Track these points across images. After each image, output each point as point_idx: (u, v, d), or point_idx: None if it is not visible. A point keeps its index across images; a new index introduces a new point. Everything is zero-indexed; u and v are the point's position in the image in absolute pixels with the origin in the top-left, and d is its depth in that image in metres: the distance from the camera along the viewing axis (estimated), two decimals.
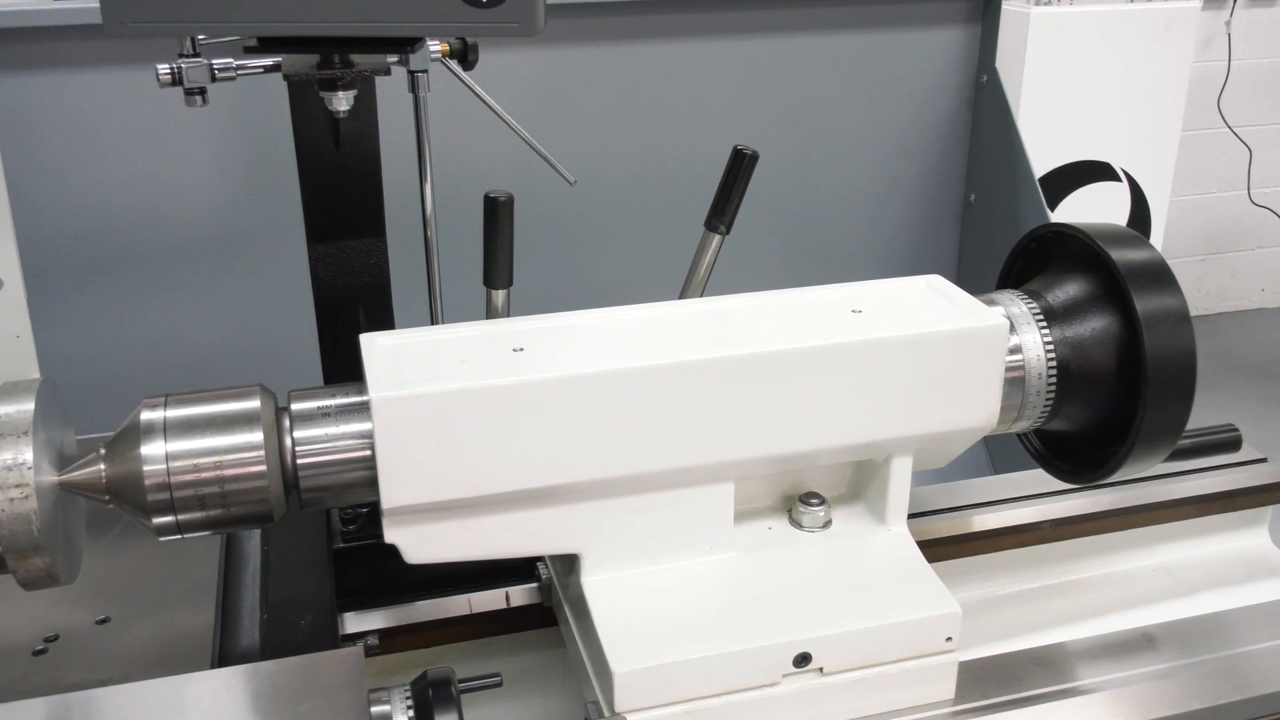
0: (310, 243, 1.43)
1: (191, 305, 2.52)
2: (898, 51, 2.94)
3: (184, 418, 1.08)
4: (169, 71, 1.28)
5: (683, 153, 2.78)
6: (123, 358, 2.46)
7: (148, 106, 2.39)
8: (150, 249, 2.46)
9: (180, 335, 2.51)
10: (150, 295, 2.50)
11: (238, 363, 2.54)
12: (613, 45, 2.68)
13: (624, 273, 2.82)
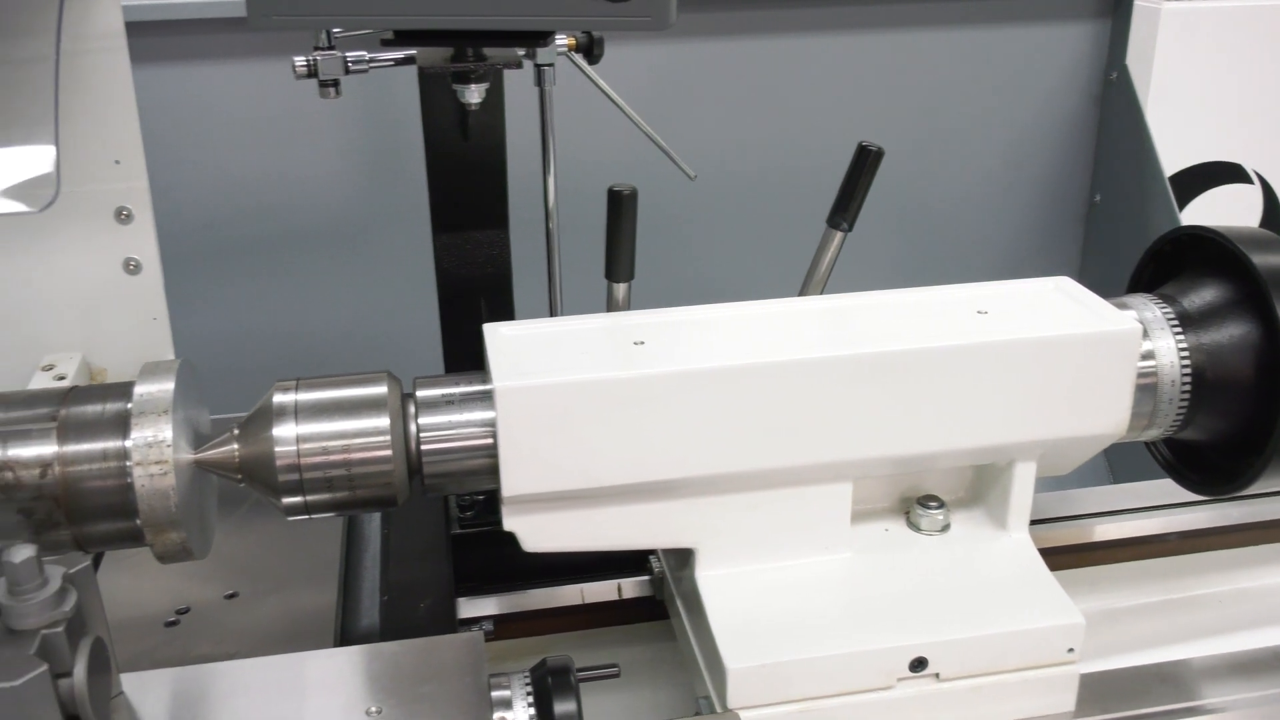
0: (435, 233, 1.45)
1: (316, 292, 2.58)
2: (1023, 47, 2.88)
3: (314, 401, 1.11)
4: (305, 64, 1.31)
5: (802, 148, 2.75)
6: (249, 342, 2.54)
7: (277, 98, 2.45)
8: (278, 237, 2.53)
9: (304, 321, 2.57)
10: (276, 282, 2.57)
11: (360, 349, 2.60)
12: (735, 40, 2.67)
13: (743, 268, 2.81)
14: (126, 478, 1.06)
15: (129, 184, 1.49)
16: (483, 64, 1.20)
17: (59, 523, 1.07)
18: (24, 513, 1.06)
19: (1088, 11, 2.89)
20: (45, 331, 1.53)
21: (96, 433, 1.08)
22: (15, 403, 1.11)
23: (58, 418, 1.08)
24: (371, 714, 0.97)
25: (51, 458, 1.06)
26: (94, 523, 1.08)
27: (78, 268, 1.51)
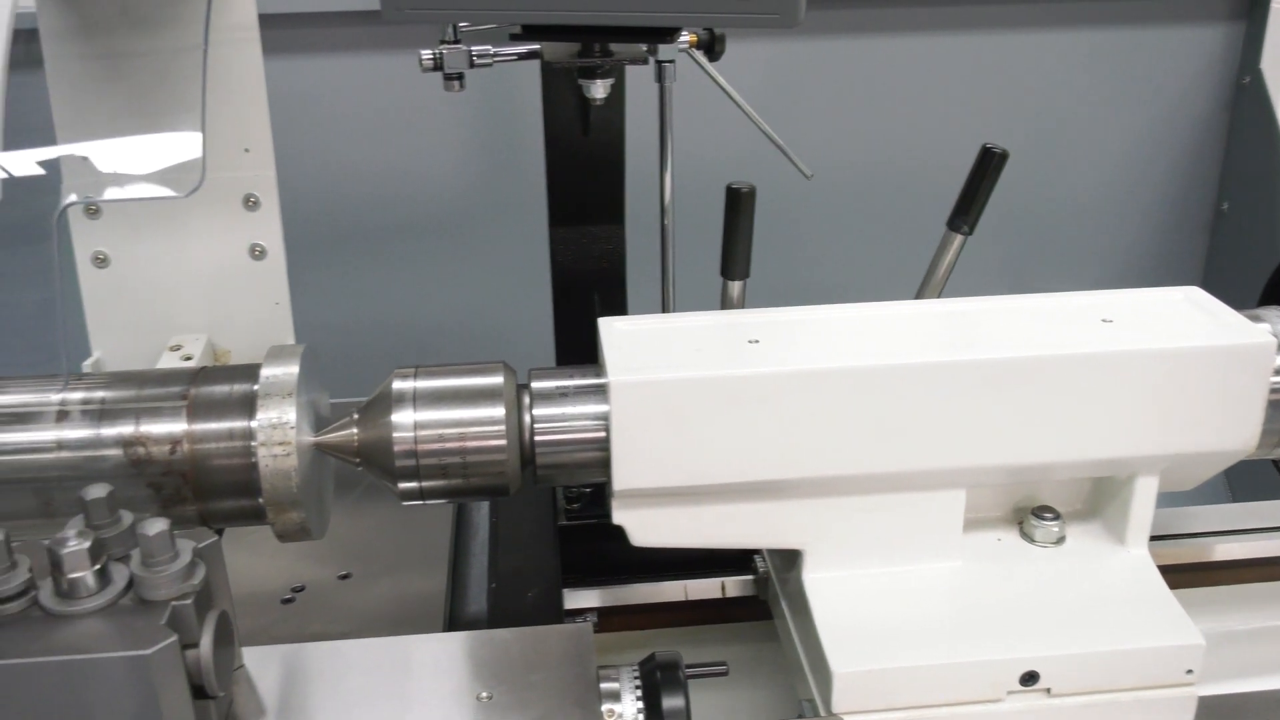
0: (552, 227, 1.47)
1: (431, 283, 2.62)
2: (1152, 50, 2.79)
3: (432, 389, 1.13)
4: (431, 57, 1.34)
5: (921, 149, 2.72)
6: (364, 329, 2.59)
7: (397, 91, 2.50)
8: (395, 228, 2.58)
9: (419, 310, 2.62)
10: (393, 271, 2.62)
11: (472, 339, 2.64)
12: (855, 38, 2.64)
13: (858, 269, 2.79)
14: (251, 457, 1.09)
15: (257, 172, 1.53)
16: (609, 59, 1.21)
17: (186, 498, 1.11)
18: (154, 487, 1.10)
19: (1220, 13, 2.80)
20: (174, 313, 1.58)
21: (224, 412, 1.11)
22: (149, 381, 1.15)
23: (188, 397, 1.12)
24: (482, 699, 0.98)
25: (181, 435, 1.10)
26: (219, 499, 1.11)
27: (206, 252, 1.56)
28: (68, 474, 1.10)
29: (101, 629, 0.84)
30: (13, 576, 0.85)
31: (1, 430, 1.10)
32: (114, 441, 1.10)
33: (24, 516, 1.11)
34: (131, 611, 0.86)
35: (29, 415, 1.11)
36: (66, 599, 0.86)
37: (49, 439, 1.10)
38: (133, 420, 1.10)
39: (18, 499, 1.10)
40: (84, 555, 0.85)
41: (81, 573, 0.85)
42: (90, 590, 0.86)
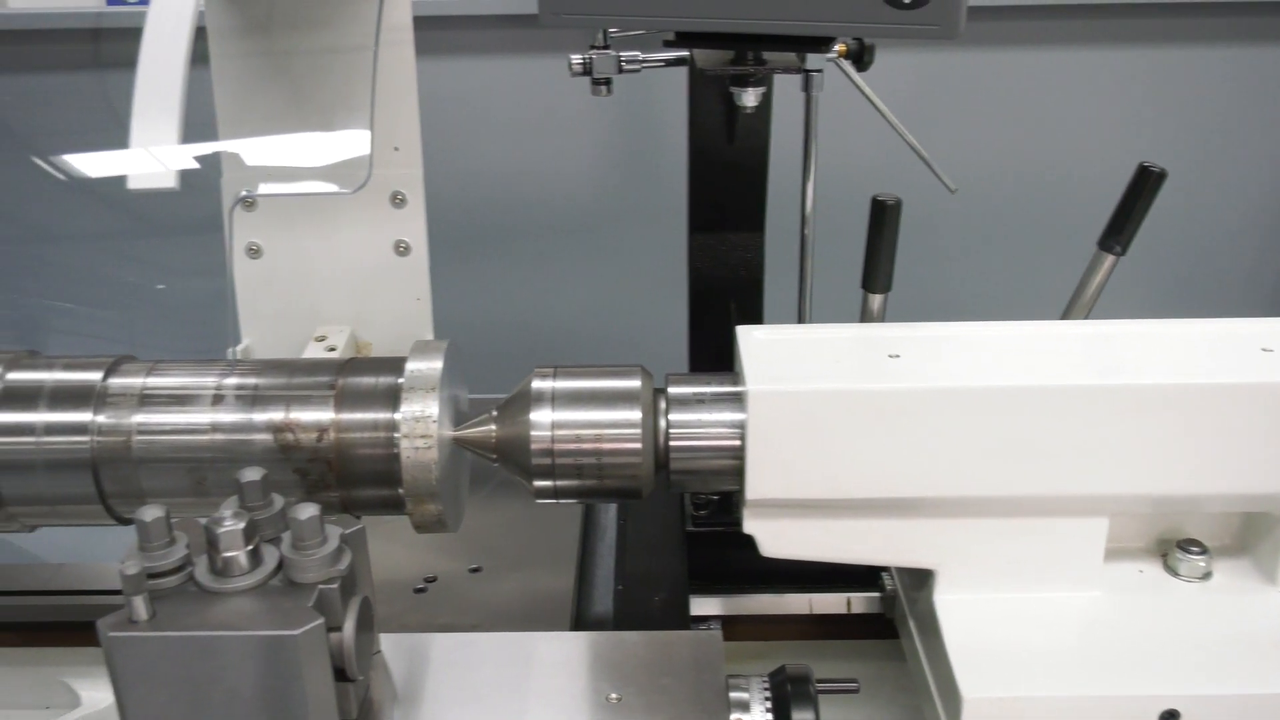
0: (691, 233, 1.47)
1: (566, 284, 2.66)
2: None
3: (570, 390, 1.14)
4: (581, 62, 1.35)
5: (1071, 165, 2.65)
6: (500, 326, 2.64)
7: (539, 94, 2.54)
8: (529, 227, 2.62)
9: (553, 311, 2.66)
10: (528, 271, 2.66)
11: (605, 342, 2.66)
12: (1004, 50, 2.59)
13: (1002, 286, 2.73)
14: (393, 448, 1.12)
15: (406, 170, 1.57)
16: (761, 68, 1.21)
17: (330, 485, 1.14)
18: (300, 472, 1.13)
19: None
20: (320, 304, 1.63)
21: (369, 403, 1.14)
22: (299, 370, 1.18)
23: (336, 387, 1.15)
24: (611, 700, 0.99)
25: (328, 423, 1.13)
26: (361, 487, 1.14)
27: (354, 247, 1.60)
28: (220, 456, 1.14)
29: (252, 607, 0.87)
30: (172, 552, 0.89)
31: (162, 411, 1.15)
32: (265, 427, 1.13)
33: (177, 494, 1.16)
34: (280, 592, 0.89)
35: (187, 398, 1.15)
36: (220, 576, 0.89)
37: (204, 421, 1.14)
38: (283, 407, 1.14)
39: (173, 477, 1.15)
40: (239, 535, 0.88)
41: (235, 552, 0.89)
42: (243, 569, 0.89)
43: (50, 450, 1.14)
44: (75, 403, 1.15)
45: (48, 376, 1.18)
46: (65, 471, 1.15)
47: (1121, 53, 2.62)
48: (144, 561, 0.87)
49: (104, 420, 1.15)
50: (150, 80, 0.95)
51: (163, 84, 0.95)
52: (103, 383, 1.16)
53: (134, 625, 0.85)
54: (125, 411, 1.15)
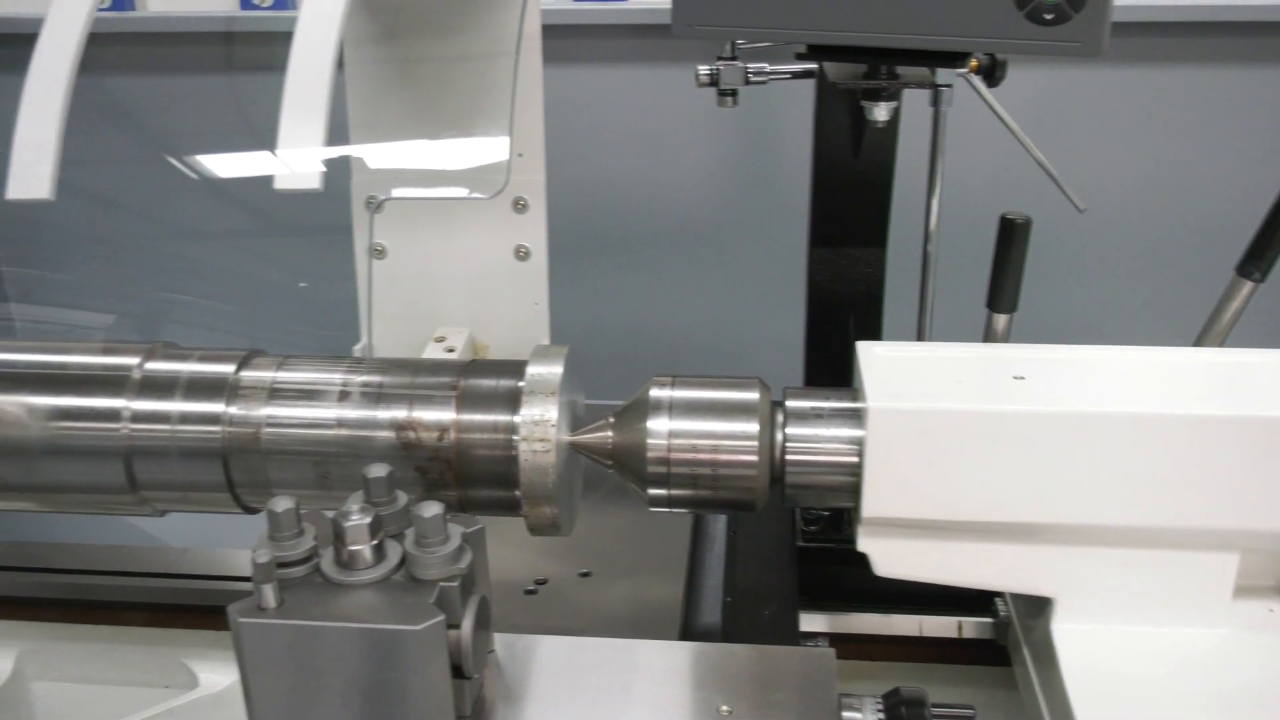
0: (812, 246, 1.47)
1: (681, 293, 2.67)
2: None
3: (688, 400, 1.14)
4: (708, 73, 1.36)
5: (1205, 187, 2.56)
6: (614, 333, 2.66)
7: (655, 102, 2.55)
8: (646, 235, 2.64)
9: (667, 320, 2.66)
10: (641, 278, 2.68)
11: (716, 351, 2.66)
12: (1136, 66, 2.53)
13: (1132, 310, 2.66)
14: (512, 450, 1.13)
15: (529, 176, 1.59)
16: (895, 82, 1.20)
17: (448, 483, 1.16)
18: (420, 470, 1.15)
19: None
20: (440, 306, 1.66)
21: (490, 405, 1.16)
22: (422, 370, 1.21)
23: (458, 388, 1.17)
24: (722, 713, 0.99)
25: (449, 424, 1.15)
26: (478, 488, 1.16)
27: (475, 251, 1.63)
28: (344, 451, 1.17)
29: (375, 601, 0.88)
30: (300, 543, 0.91)
31: (290, 405, 1.18)
32: (388, 424, 1.16)
33: (302, 486, 1.19)
34: (403, 587, 0.90)
35: (315, 393, 1.19)
36: (345, 569, 0.91)
37: (330, 416, 1.17)
38: (406, 405, 1.16)
39: (299, 469, 1.18)
40: (364, 530, 0.90)
41: (361, 546, 0.91)
42: (367, 563, 0.91)
43: (184, 438, 1.19)
44: (209, 394, 1.19)
45: (184, 368, 1.22)
46: (197, 459, 1.19)
47: (1264, 72, 2.53)
48: (274, 551, 0.90)
49: (235, 411, 1.18)
50: (299, 84, 0.98)
51: (310, 87, 0.98)
52: (235, 375, 1.20)
53: (262, 612, 0.87)
54: (256, 404, 1.18)
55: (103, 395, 1.20)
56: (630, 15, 2.55)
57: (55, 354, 1.25)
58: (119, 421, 1.19)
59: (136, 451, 1.19)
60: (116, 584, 1.59)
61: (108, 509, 1.28)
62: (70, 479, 1.22)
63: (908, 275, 1.57)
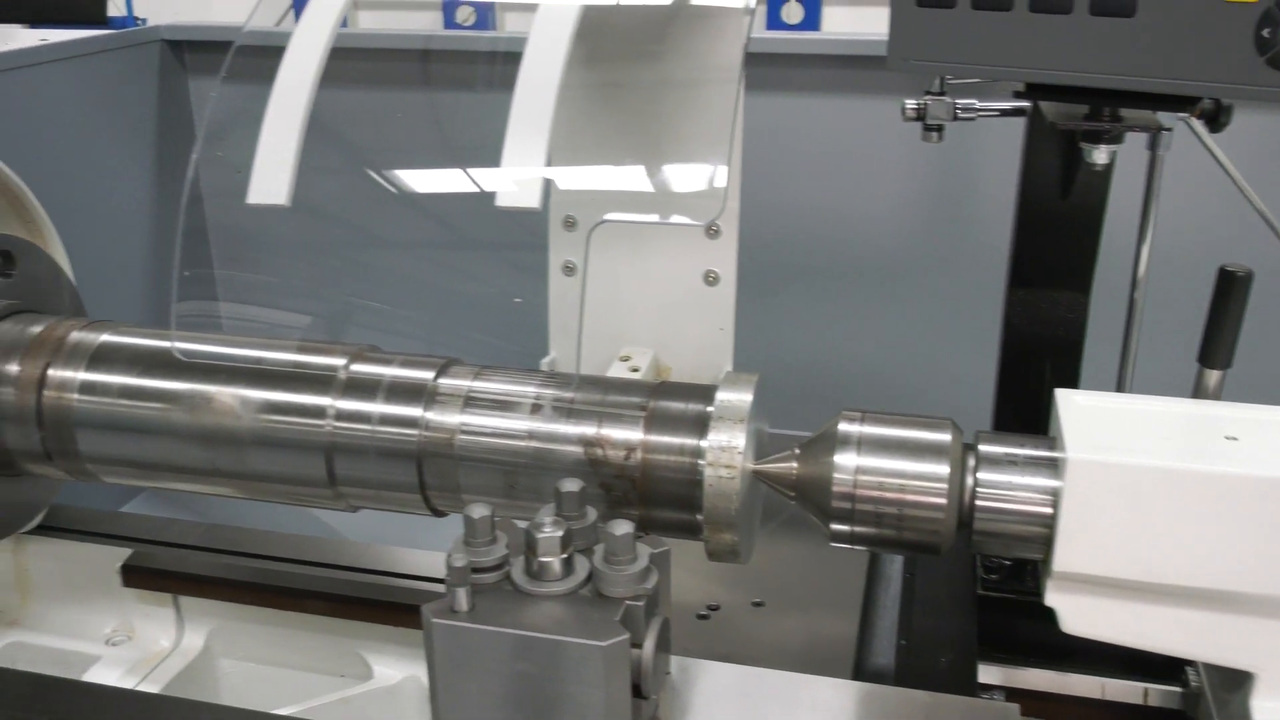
0: (1011, 287, 1.43)
1: (863, 325, 2.64)
2: None
3: (877, 436, 1.13)
4: (915, 107, 1.34)
5: None
6: (794, 361, 2.65)
7: (851, 132, 2.53)
8: (834, 265, 2.62)
9: (847, 350, 2.64)
10: (826, 308, 2.66)
11: (899, 388, 2.62)
12: None
13: None
14: (697, 474, 1.14)
15: None
16: (1119, 125, 1.16)
17: (632, 502, 1.18)
18: (605, 487, 1.17)
19: None
20: (627, 326, 1.68)
21: (678, 428, 1.17)
22: (613, 388, 1.23)
23: (647, 408, 1.19)
24: None
25: (637, 443, 1.17)
26: (661, 509, 1.17)
27: (665, 273, 1.65)
28: (532, 462, 1.20)
29: (562, 614, 0.90)
30: (493, 550, 0.94)
31: (484, 414, 1.22)
32: (577, 439, 1.18)
33: (490, 494, 1.22)
34: (589, 603, 0.92)
35: (508, 404, 1.22)
36: (535, 579, 0.93)
37: (522, 428, 1.20)
38: (596, 423, 1.18)
39: (488, 477, 1.21)
40: (556, 543, 0.92)
41: (551, 558, 0.92)
42: (556, 575, 0.93)
43: (382, 439, 1.23)
44: (408, 398, 1.24)
45: (386, 371, 1.27)
46: (393, 460, 1.23)
47: None
48: (469, 556, 0.92)
49: (432, 417, 1.23)
50: (525, 105, 1.01)
51: (535, 107, 1.01)
52: (434, 382, 1.25)
53: (455, 614, 0.90)
54: (452, 411, 1.22)
55: (310, 393, 1.26)
56: (824, 45, 2.55)
57: (268, 351, 1.32)
58: (324, 419, 1.25)
59: (338, 448, 1.25)
60: (302, 572, 1.65)
61: (305, 501, 1.34)
62: (275, 469, 1.29)
63: (1109, 322, 1.52)
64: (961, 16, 1.06)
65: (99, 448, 1.33)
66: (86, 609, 1.71)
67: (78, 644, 1.70)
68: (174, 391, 1.29)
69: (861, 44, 2.54)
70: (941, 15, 1.06)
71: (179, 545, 1.71)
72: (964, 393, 1.72)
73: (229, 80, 1.07)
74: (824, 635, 1.33)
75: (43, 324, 1.39)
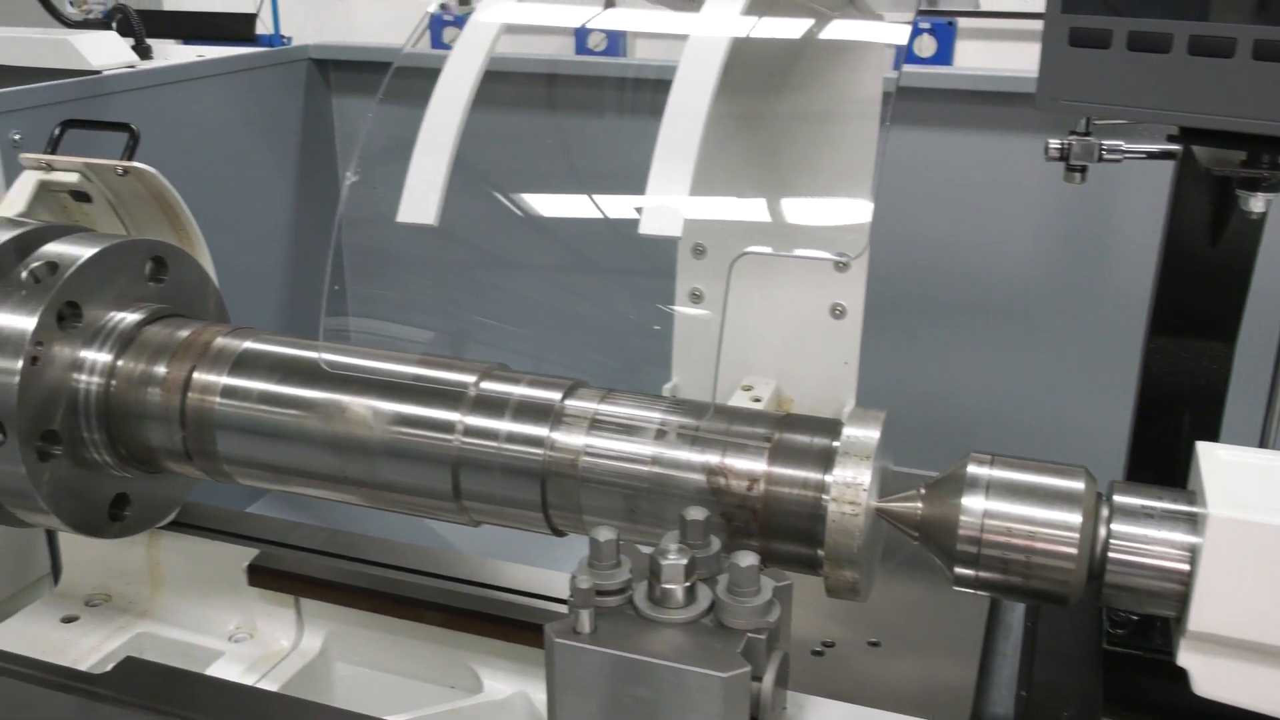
0: (1150, 334, 1.39)
1: (988, 363, 2.59)
2: None
3: (1008, 481, 1.11)
4: (1059, 147, 1.32)
5: None
6: (917, 397, 2.61)
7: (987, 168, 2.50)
8: (961, 301, 2.58)
9: (970, 389, 2.60)
10: (951, 344, 2.62)
11: (1024, 430, 2.57)
12: None
13: None
14: (820, 509, 1.13)
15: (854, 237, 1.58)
16: (1278, 172, 1.13)
17: (752, 533, 1.17)
18: (725, 516, 1.17)
19: None
20: (751, 356, 1.68)
21: (802, 461, 1.16)
22: (738, 418, 1.23)
23: (772, 440, 1.18)
24: None
25: (760, 474, 1.16)
26: (781, 541, 1.16)
27: (791, 305, 1.64)
28: (654, 487, 1.20)
29: (684, 642, 0.90)
30: (618, 574, 0.95)
31: (609, 437, 1.23)
32: (700, 467, 1.18)
33: (610, 516, 1.23)
34: (711, 633, 0.92)
35: (633, 428, 1.23)
36: (658, 606, 0.93)
37: (646, 453, 1.21)
38: (720, 451, 1.18)
39: (610, 499, 1.22)
40: (680, 570, 0.93)
41: (675, 586, 0.93)
42: (679, 603, 0.93)
43: (508, 456, 1.25)
44: (535, 417, 1.26)
45: (514, 390, 1.29)
46: (518, 477, 1.25)
47: None
48: (593, 578, 0.93)
49: (558, 437, 1.24)
50: (672, 132, 1.02)
51: (682, 137, 1.02)
52: (560, 403, 1.26)
53: (577, 635, 0.90)
54: (577, 432, 1.24)
55: (441, 408, 1.29)
56: (957, 80, 2.52)
57: (403, 365, 1.35)
58: (452, 433, 1.27)
59: (464, 463, 1.27)
60: (420, 582, 1.68)
61: (429, 513, 1.36)
62: (402, 480, 1.31)
63: (1253, 375, 1.47)
64: (1116, 57, 1.04)
65: (237, 450, 1.38)
66: (212, 605, 1.77)
67: (202, 638, 1.75)
68: (310, 399, 1.33)
69: (995, 80, 2.51)
70: (1095, 55, 1.04)
71: (302, 548, 1.75)
72: (1094, 440, 1.67)
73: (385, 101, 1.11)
74: (941, 680, 1.31)
75: (190, 328, 1.44)
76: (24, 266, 1.38)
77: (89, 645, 1.74)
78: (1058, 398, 2.51)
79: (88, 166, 1.69)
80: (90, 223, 1.75)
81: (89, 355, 1.40)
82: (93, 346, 1.41)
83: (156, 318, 1.46)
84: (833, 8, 1.46)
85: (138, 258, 1.48)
